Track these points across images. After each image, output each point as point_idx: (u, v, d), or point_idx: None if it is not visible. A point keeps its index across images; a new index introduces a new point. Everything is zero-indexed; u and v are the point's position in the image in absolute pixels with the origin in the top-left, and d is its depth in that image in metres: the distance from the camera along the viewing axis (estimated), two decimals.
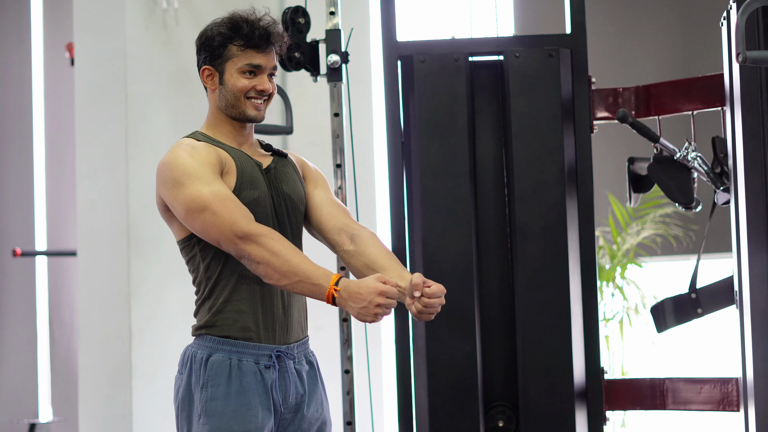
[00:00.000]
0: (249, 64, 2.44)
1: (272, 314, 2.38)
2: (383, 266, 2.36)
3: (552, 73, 3.27)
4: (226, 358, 2.35)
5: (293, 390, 2.40)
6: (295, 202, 2.46)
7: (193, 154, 2.38)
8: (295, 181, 2.50)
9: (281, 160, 2.51)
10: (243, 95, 2.44)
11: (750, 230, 2.87)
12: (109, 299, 4.40)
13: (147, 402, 4.40)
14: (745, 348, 2.94)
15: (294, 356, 2.41)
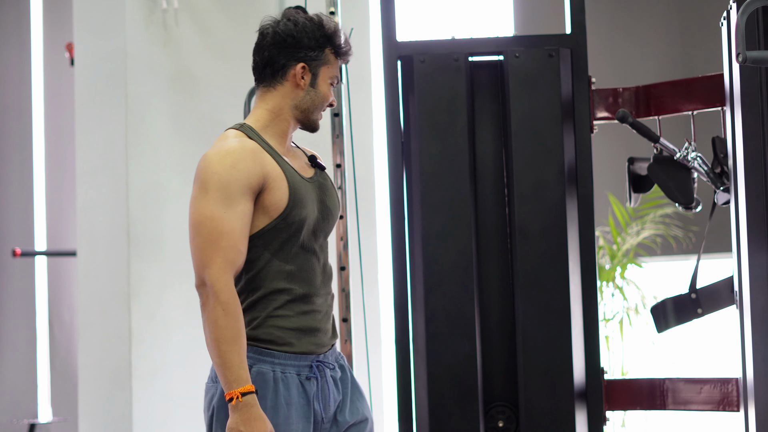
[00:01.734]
0: (335, 76, 2.42)
1: (313, 323, 2.37)
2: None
3: (552, 73, 3.27)
4: (269, 370, 2.32)
5: (332, 399, 2.40)
6: (335, 217, 2.46)
7: (240, 161, 2.27)
8: (334, 195, 2.47)
9: (321, 173, 2.47)
10: (322, 105, 2.42)
11: (750, 230, 2.87)
12: (109, 299, 4.40)
13: (147, 402, 4.40)
14: (745, 348, 2.94)
15: (329, 363, 2.40)
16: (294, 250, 2.33)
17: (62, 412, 6.11)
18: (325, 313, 2.40)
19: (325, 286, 2.41)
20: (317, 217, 2.38)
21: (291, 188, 2.32)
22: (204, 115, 4.71)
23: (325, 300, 2.41)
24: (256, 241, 2.30)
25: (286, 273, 2.32)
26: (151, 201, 4.47)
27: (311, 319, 2.36)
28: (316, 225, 2.37)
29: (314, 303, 2.37)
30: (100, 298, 4.43)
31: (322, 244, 2.41)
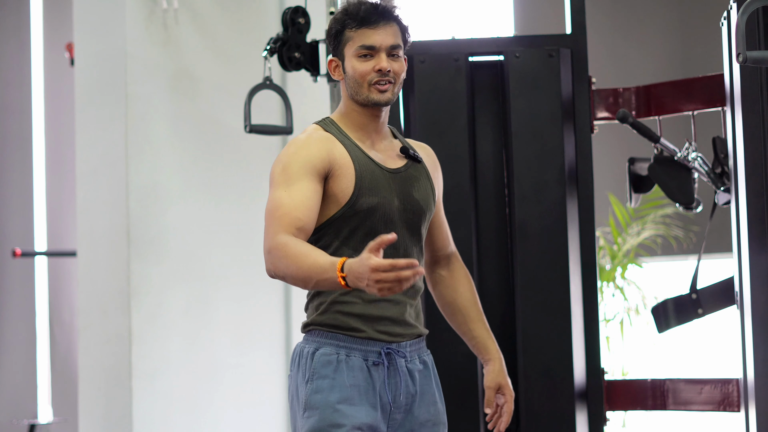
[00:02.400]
0: (362, 45, 2.33)
1: (383, 311, 2.34)
2: (475, 319, 2.56)
3: (552, 73, 3.27)
4: (333, 352, 2.31)
5: (404, 389, 2.34)
6: (423, 210, 2.41)
7: (303, 148, 2.31)
8: (427, 189, 2.43)
9: (414, 165, 2.43)
10: (365, 81, 2.34)
11: (751, 230, 2.87)
12: (109, 299, 4.40)
13: (147, 402, 4.40)
14: (745, 348, 2.94)
15: (406, 355, 2.36)
16: (365, 239, 2.30)
17: (62, 412, 6.11)
18: (399, 303, 2.35)
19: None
20: (397, 207, 2.35)
21: (358, 176, 2.32)
22: (204, 115, 4.71)
23: (404, 292, 2.25)
24: (327, 229, 2.33)
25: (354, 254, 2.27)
26: (151, 201, 4.47)
27: (379, 308, 2.33)
28: (393, 215, 2.35)
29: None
30: (100, 298, 4.42)
31: (402, 234, 2.35)
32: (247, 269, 4.87)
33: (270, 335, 4.97)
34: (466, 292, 2.57)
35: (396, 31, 2.36)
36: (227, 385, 4.74)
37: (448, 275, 2.58)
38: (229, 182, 4.82)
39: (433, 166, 2.51)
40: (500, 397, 2.51)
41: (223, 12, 4.87)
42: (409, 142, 2.50)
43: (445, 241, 2.59)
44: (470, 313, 2.56)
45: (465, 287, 2.57)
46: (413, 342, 2.39)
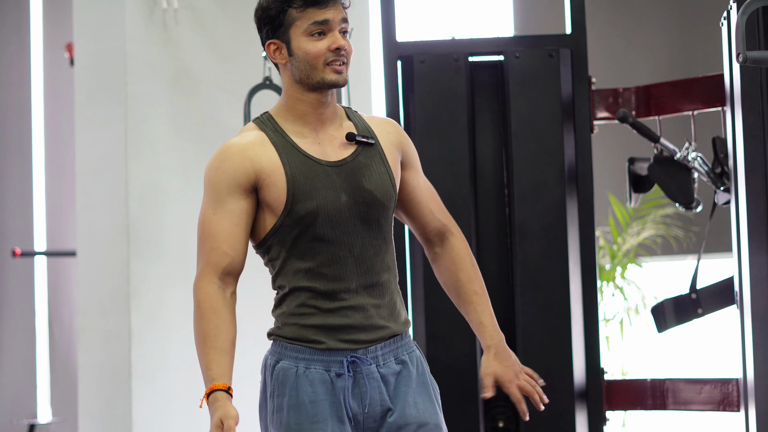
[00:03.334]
0: (314, 22, 2.16)
1: (344, 320, 2.20)
2: (467, 301, 2.38)
3: (552, 73, 3.27)
4: (292, 366, 2.21)
5: (376, 396, 2.20)
6: (379, 199, 2.21)
7: (227, 159, 2.21)
8: (381, 175, 2.23)
9: (364, 151, 2.23)
10: (320, 61, 2.17)
11: (750, 230, 2.87)
12: (109, 299, 4.40)
13: (147, 402, 4.40)
14: (745, 348, 2.94)
15: (378, 360, 2.21)
16: (311, 245, 2.19)
17: (62, 412, 6.11)
18: (362, 308, 2.20)
19: (362, 277, 2.21)
20: (345, 203, 2.19)
21: (290, 181, 2.17)
22: (204, 115, 4.70)
23: (366, 293, 2.21)
24: (272, 240, 2.21)
25: (304, 270, 2.19)
26: (151, 201, 4.47)
27: (340, 317, 2.20)
28: (340, 213, 2.18)
29: (343, 299, 2.19)
30: (100, 298, 4.42)
31: (356, 231, 2.20)
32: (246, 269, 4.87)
33: None
34: (460, 271, 2.35)
35: (342, 7, 2.20)
36: None
37: (441, 253, 2.35)
38: None
39: (395, 142, 2.30)
40: (508, 386, 2.37)
41: (223, 12, 4.86)
42: (368, 120, 2.30)
43: (428, 217, 2.34)
44: (464, 293, 2.36)
45: (460, 265, 2.35)
46: (386, 343, 2.23)
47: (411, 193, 2.33)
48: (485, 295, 2.40)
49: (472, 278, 2.37)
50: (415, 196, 2.34)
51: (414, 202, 2.34)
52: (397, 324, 2.25)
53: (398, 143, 2.31)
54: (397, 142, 2.31)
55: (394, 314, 2.25)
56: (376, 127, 2.29)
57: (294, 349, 2.22)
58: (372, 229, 2.22)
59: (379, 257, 2.23)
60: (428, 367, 2.32)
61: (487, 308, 2.40)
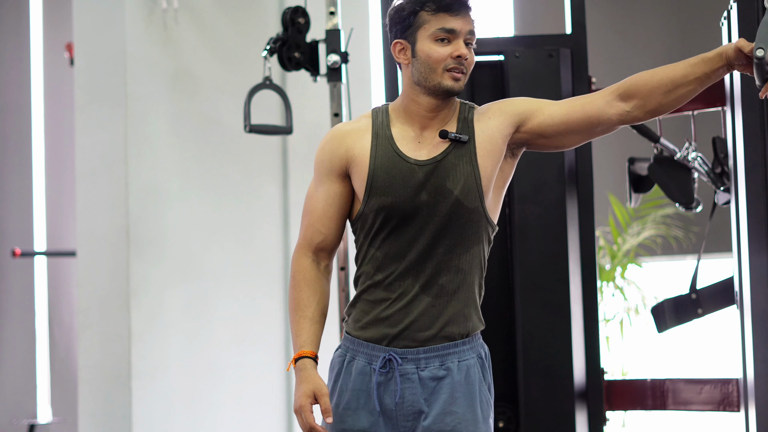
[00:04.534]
0: (442, 28, 2.22)
1: (386, 314, 2.27)
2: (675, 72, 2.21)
3: (552, 73, 3.27)
4: (342, 354, 2.32)
5: (411, 398, 2.25)
6: (459, 199, 2.24)
7: (324, 147, 2.33)
8: (467, 174, 2.25)
9: (456, 149, 2.26)
10: (440, 66, 2.23)
11: (750, 230, 2.87)
12: (109, 299, 4.40)
13: (147, 402, 4.40)
14: (745, 348, 2.94)
15: (419, 361, 2.25)
16: (384, 238, 2.27)
17: (62, 412, 6.11)
18: (413, 307, 2.26)
19: (423, 276, 2.25)
20: (424, 202, 2.23)
21: (371, 174, 2.26)
22: (204, 115, 4.71)
23: (423, 293, 2.25)
24: (357, 224, 2.31)
25: (375, 258, 2.27)
26: (151, 201, 4.47)
27: (387, 308, 2.26)
28: (417, 211, 2.24)
29: (398, 296, 2.26)
30: (100, 298, 4.42)
31: (430, 229, 2.25)
32: (247, 269, 4.87)
33: (270, 335, 4.97)
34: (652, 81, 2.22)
35: (473, 21, 2.26)
36: (227, 384, 4.74)
37: (634, 96, 2.23)
38: (229, 182, 4.82)
39: (497, 125, 2.30)
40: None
41: (223, 12, 4.87)
42: (477, 113, 2.32)
43: (589, 108, 2.26)
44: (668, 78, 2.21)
45: (649, 81, 2.22)
46: (434, 348, 2.26)
47: (558, 124, 2.29)
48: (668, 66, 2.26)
49: (663, 69, 2.25)
50: (563, 121, 2.29)
51: (570, 123, 2.29)
52: (452, 329, 2.27)
53: (502, 121, 2.30)
54: (500, 120, 2.30)
55: (452, 318, 2.27)
56: (479, 119, 2.31)
57: (348, 339, 2.32)
58: (450, 228, 2.25)
59: (448, 257, 2.25)
60: (490, 376, 2.35)
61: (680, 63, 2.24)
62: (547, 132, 2.29)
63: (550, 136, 2.29)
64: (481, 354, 2.33)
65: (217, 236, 4.75)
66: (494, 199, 2.31)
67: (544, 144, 2.32)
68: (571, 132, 2.29)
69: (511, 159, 2.33)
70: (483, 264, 2.30)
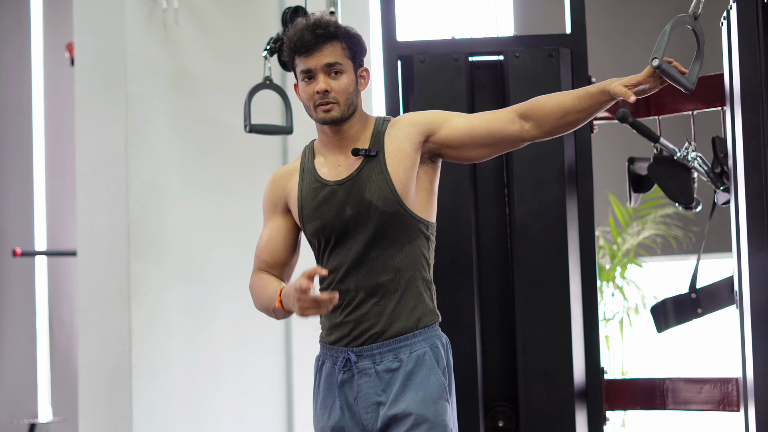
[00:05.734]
0: (302, 70, 2.45)
1: (348, 320, 2.45)
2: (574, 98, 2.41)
3: (552, 73, 3.27)
4: (318, 358, 2.53)
5: (370, 391, 2.43)
6: (379, 207, 2.43)
7: (267, 191, 2.59)
8: (380, 183, 2.44)
9: (369, 163, 2.46)
10: (311, 103, 2.46)
11: (750, 230, 2.87)
12: (109, 299, 4.40)
13: (147, 402, 4.40)
14: (745, 348, 2.94)
15: (374, 357, 2.43)
16: (328, 253, 2.48)
17: (62, 412, 6.11)
18: (359, 309, 2.44)
19: (363, 279, 2.43)
20: (350, 216, 2.44)
21: (300, 205, 2.50)
22: (204, 115, 4.71)
23: (366, 294, 2.43)
24: (313, 249, 2.54)
25: (328, 273, 2.48)
26: (151, 201, 4.47)
27: (340, 314, 2.46)
28: (347, 226, 2.44)
29: (345, 301, 2.45)
30: (100, 298, 4.42)
31: (361, 238, 2.43)
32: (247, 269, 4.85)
33: (270, 335, 4.98)
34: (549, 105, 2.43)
35: (335, 49, 2.43)
36: (227, 384, 4.74)
37: (531, 118, 2.43)
38: (229, 182, 4.82)
39: (407, 135, 2.47)
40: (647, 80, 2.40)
41: (223, 12, 4.87)
42: (390, 126, 2.50)
43: (492, 124, 2.45)
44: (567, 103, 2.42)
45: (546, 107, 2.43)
46: (386, 342, 2.43)
47: (463, 136, 2.46)
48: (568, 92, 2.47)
49: (557, 95, 2.45)
50: (468, 133, 2.46)
51: (474, 136, 2.46)
52: (400, 323, 2.44)
53: (410, 131, 2.49)
54: (409, 130, 2.49)
55: (398, 314, 2.45)
56: (390, 131, 2.50)
57: (320, 345, 2.54)
58: (377, 233, 2.43)
59: (383, 259, 2.44)
60: (445, 360, 2.48)
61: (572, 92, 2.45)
62: (453, 143, 2.47)
63: (457, 147, 2.47)
64: (436, 343, 2.47)
65: (218, 236, 4.75)
66: (423, 199, 2.48)
67: (453, 155, 2.50)
68: (476, 145, 2.47)
69: (431, 164, 2.51)
70: (424, 259, 2.47)
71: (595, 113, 2.42)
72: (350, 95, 2.44)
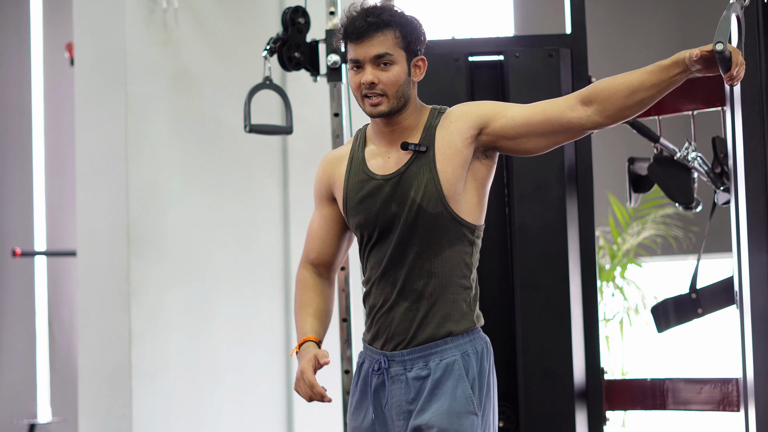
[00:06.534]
0: (351, 59, 2.34)
1: (382, 322, 2.38)
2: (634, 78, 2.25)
3: (552, 73, 3.27)
4: (360, 356, 2.47)
5: (398, 397, 2.36)
6: (423, 207, 2.32)
7: (316, 175, 2.51)
8: (428, 183, 2.32)
9: (417, 160, 2.34)
10: (358, 94, 2.34)
11: (750, 230, 2.87)
12: (109, 299, 4.40)
13: (147, 402, 4.40)
14: (745, 348, 2.94)
15: (405, 363, 2.35)
16: (369, 248, 2.39)
17: (62, 412, 6.11)
18: (393, 313, 2.36)
19: (400, 282, 2.35)
20: (394, 213, 2.33)
21: (344, 197, 2.40)
22: (204, 115, 4.71)
23: (402, 298, 2.35)
24: (358, 240, 2.46)
25: (366, 269, 2.43)
26: (151, 201, 4.47)
27: (376, 314, 2.39)
28: (391, 224, 2.34)
29: (382, 303, 2.38)
30: (100, 298, 4.42)
31: (403, 239, 2.33)
32: (247, 269, 4.88)
33: (270, 335, 4.98)
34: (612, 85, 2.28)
35: (387, 39, 2.31)
36: (227, 384, 4.74)
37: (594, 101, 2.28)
38: (229, 182, 4.82)
39: (459, 128, 2.35)
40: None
41: (223, 12, 4.87)
42: (442, 120, 2.38)
43: (550, 111, 2.30)
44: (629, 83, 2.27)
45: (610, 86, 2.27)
46: (417, 349, 2.35)
47: (519, 125, 2.33)
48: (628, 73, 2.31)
49: (622, 75, 2.30)
50: (524, 122, 2.33)
51: (531, 125, 2.33)
52: (432, 331, 2.35)
53: (462, 124, 2.36)
54: (461, 124, 2.36)
55: (431, 321, 2.35)
56: (442, 125, 2.38)
57: (363, 342, 2.47)
58: (416, 234, 2.33)
59: (420, 262, 2.34)
60: (476, 370, 2.37)
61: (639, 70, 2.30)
62: (509, 134, 2.34)
63: (513, 138, 2.34)
64: (468, 351, 2.37)
65: (218, 236, 4.75)
66: (472, 200, 2.36)
67: (510, 147, 2.36)
68: (533, 134, 2.33)
69: (485, 159, 2.38)
70: (464, 266, 2.35)
71: (665, 91, 2.27)
72: (400, 87, 2.33)
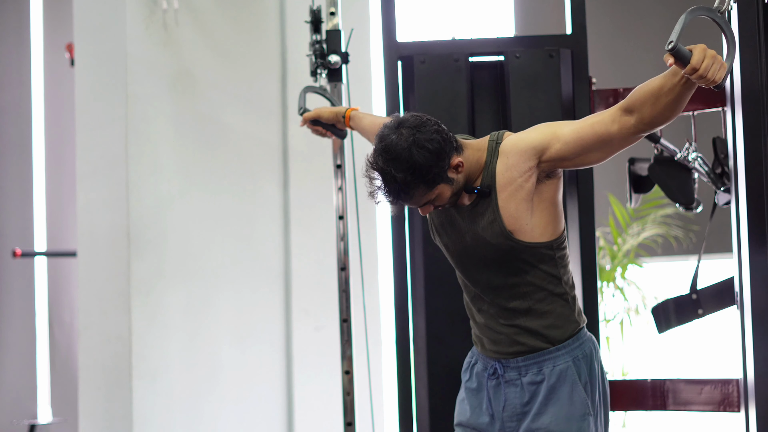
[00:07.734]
0: None
1: (482, 331, 2.58)
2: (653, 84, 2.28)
3: (552, 73, 3.27)
4: (473, 355, 2.65)
5: (513, 400, 2.52)
6: (492, 244, 2.45)
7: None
8: (492, 223, 2.45)
9: (482, 201, 2.47)
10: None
11: (751, 231, 2.87)
12: (109, 299, 4.40)
13: (147, 402, 4.40)
14: (745, 349, 2.94)
15: (519, 369, 2.51)
16: (456, 272, 2.61)
17: (62, 412, 6.11)
18: (489, 328, 2.55)
19: (491, 305, 2.53)
20: (469, 244, 2.49)
21: (429, 217, 2.60)
22: (204, 115, 4.70)
23: (497, 315, 2.52)
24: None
25: (459, 280, 2.63)
26: (151, 201, 4.47)
27: (476, 326, 2.61)
28: (465, 252, 2.52)
29: (474, 314, 2.60)
30: (100, 298, 4.42)
31: (481, 267, 2.50)
32: (247, 269, 4.87)
33: (270, 334, 4.97)
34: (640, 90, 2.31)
35: (414, 196, 2.39)
36: (227, 384, 4.74)
37: (634, 111, 2.32)
38: (229, 182, 4.82)
39: (516, 164, 2.43)
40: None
41: (223, 12, 4.86)
42: (501, 152, 2.46)
43: (598, 127, 2.36)
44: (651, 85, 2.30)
45: (641, 91, 2.30)
46: (529, 356, 2.50)
47: (573, 147, 2.39)
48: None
49: (649, 81, 2.32)
50: (578, 143, 2.39)
51: (584, 144, 2.39)
52: (535, 342, 2.50)
53: (518, 158, 2.43)
54: (517, 159, 2.43)
55: (531, 334, 2.50)
56: (501, 161, 2.45)
57: (473, 348, 2.67)
58: (495, 265, 2.48)
59: (507, 286, 2.49)
60: (587, 372, 2.49)
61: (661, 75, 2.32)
62: (567, 156, 2.41)
63: (572, 158, 2.41)
64: (578, 356, 2.50)
65: (217, 236, 4.75)
66: (543, 219, 2.44)
67: (571, 165, 2.44)
68: (589, 151, 2.40)
69: (548, 180, 2.45)
70: (551, 277, 2.47)
71: (683, 95, 2.26)
72: (452, 196, 2.44)
